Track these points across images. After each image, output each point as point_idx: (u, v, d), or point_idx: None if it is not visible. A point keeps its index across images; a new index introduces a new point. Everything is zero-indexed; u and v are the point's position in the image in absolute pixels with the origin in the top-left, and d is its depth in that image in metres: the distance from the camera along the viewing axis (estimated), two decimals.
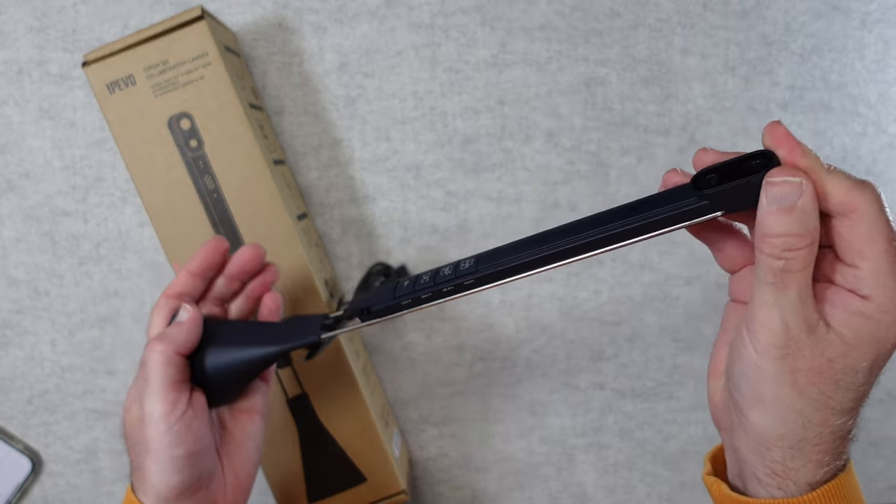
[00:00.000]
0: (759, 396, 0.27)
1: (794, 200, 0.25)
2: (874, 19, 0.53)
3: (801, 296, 0.26)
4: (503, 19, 0.51)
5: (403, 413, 0.55)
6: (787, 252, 0.26)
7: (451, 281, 0.32)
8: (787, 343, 0.26)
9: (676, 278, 0.54)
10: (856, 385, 0.27)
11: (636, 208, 0.29)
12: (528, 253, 0.31)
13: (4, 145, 0.51)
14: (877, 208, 0.26)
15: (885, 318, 0.26)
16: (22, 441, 0.53)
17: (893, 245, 0.26)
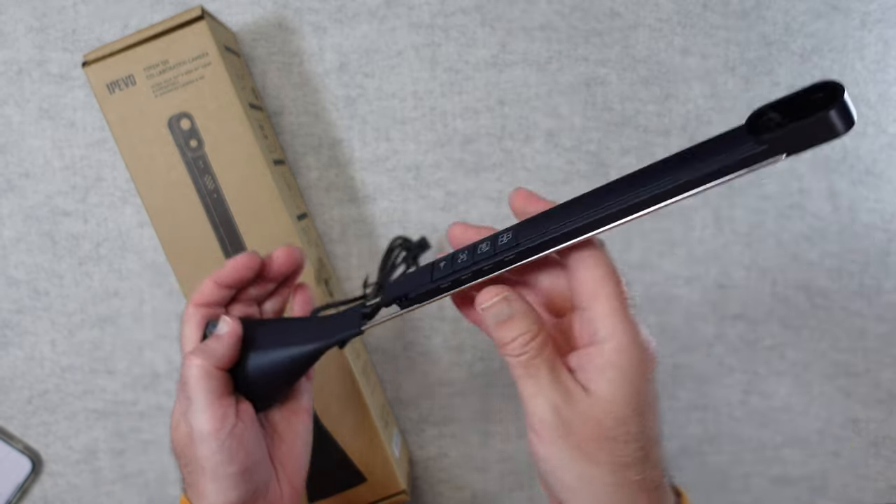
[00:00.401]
0: (566, 484, 0.28)
1: (507, 314, 0.29)
2: (874, 19, 0.53)
3: (553, 373, 0.28)
4: (503, 19, 0.51)
5: (403, 413, 0.55)
6: (523, 347, 0.28)
7: (491, 258, 0.29)
8: (560, 423, 0.28)
9: (676, 278, 0.54)
10: (633, 434, 0.28)
11: (685, 159, 0.26)
12: (570, 220, 0.28)
13: (4, 145, 0.51)
14: (606, 260, 0.29)
15: (626, 359, 0.28)
16: (22, 441, 0.53)
17: (622, 288, 0.29)
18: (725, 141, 0.26)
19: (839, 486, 0.57)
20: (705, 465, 0.56)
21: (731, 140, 0.25)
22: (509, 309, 0.29)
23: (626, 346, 0.28)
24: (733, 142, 0.25)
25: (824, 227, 0.54)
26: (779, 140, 0.24)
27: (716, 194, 0.54)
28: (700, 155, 0.26)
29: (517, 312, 0.29)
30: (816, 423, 0.56)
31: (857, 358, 0.56)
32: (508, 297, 0.29)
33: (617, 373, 0.28)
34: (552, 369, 0.28)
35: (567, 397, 0.28)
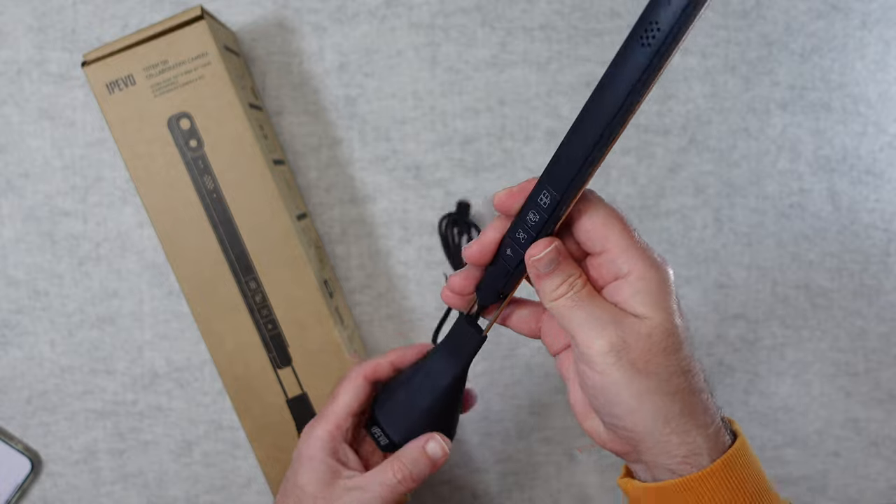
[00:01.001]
0: (629, 407, 0.30)
1: (556, 260, 0.32)
2: (875, 19, 0.53)
3: (598, 303, 0.31)
4: (503, 19, 0.51)
5: None
6: (572, 286, 0.31)
7: (547, 222, 0.31)
8: (613, 347, 0.30)
9: (676, 278, 0.54)
10: (678, 344, 0.30)
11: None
12: (585, 149, 0.29)
13: (4, 145, 0.51)
14: (604, 203, 0.32)
15: (651, 281, 0.30)
16: (21, 441, 0.53)
17: (627, 225, 0.31)
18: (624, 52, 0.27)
19: (839, 486, 0.57)
20: None
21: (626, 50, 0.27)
22: (557, 256, 0.32)
23: (646, 271, 0.30)
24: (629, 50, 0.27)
25: (824, 227, 0.54)
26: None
27: (716, 194, 0.54)
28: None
29: (564, 258, 0.32)
30: (816, 423, 0.56)
31: (857, 358, 0.56)
32: (557, 246, 0.32)
33: (647, 295, 0.30)
34: (599, 301, 0.31)
35: (618, 323, 0.30)
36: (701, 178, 0.53)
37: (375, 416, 0.39)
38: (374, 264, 0.53)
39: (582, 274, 0.32)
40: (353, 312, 0.53)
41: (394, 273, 0.53)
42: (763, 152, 0.53)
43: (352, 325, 0.52)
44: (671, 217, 0.54)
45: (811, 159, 0.54)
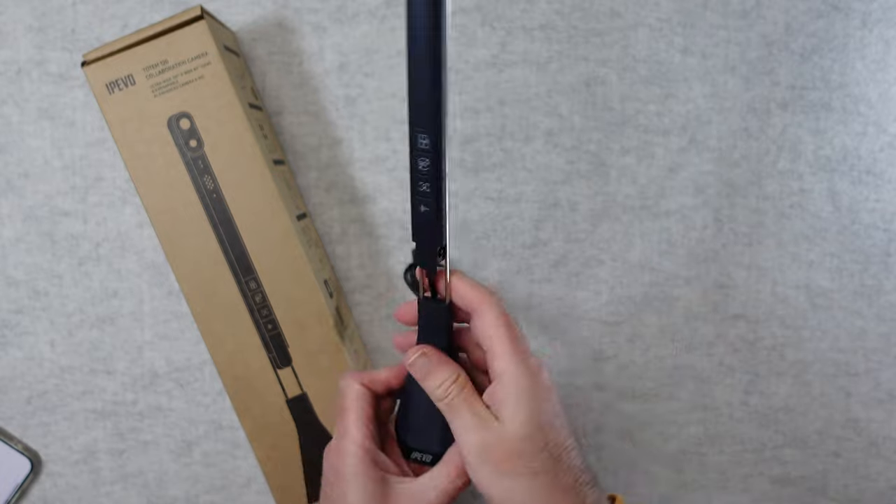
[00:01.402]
0: (497, 498, 0.33)
1: (427, 366, 0.36)
2: (875, 19, 0.52)
3: (471, 409, 0.34)
4: (503, 19, 0.51)
5: None
6: (445, 392, 0.35)
7: (437, 162, 0.35)
8: (480, 449, 0.33)
9: (676, 278, 0.54)
10: (539, 447, 0.33)
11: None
12: (428, 78, 0.33)
13: (4, 145, 0.51)
14: (497, 307, 0.36)
15: (520, 388, 0.33)
16: (21, 441, 0.53)
17: (511, 330, 0.35)
18: None
19: (839, 487, 0.57)
20: (705, 465, 0.56)
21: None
22: (428, 362, 0.36)
23: (517, 377, 0.34)
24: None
25: (824, 228, 0.54)
26: None
27: (716, 194, 0.54)
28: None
29: (434, 364, 0.36)
30: (816, 424, 0.56)
31: (858, 358, 0.56)
32: (426, 352, 0.37)
33: (513, 400, 0.33)
34: (470, 407, 0.35)
35: (484, 427, 0.34)
36: (701, 178, 0.53)
37: (407, 444, 0.39)
38: (374, 264, 0.53)
39: (459, 378, 0.36)
40: (353, 312, 0.53)
41: (394, 273, 0.53)
42: (763, 152, 0.53)
43: (352, 325, 0.52)
44: (671, 217, 0.54)
45: (811, 159, 0.54)
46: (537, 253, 0.53)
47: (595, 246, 0.54)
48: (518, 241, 0.53)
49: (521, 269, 0.54)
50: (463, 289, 0.37)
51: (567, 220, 0.53)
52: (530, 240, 0.53)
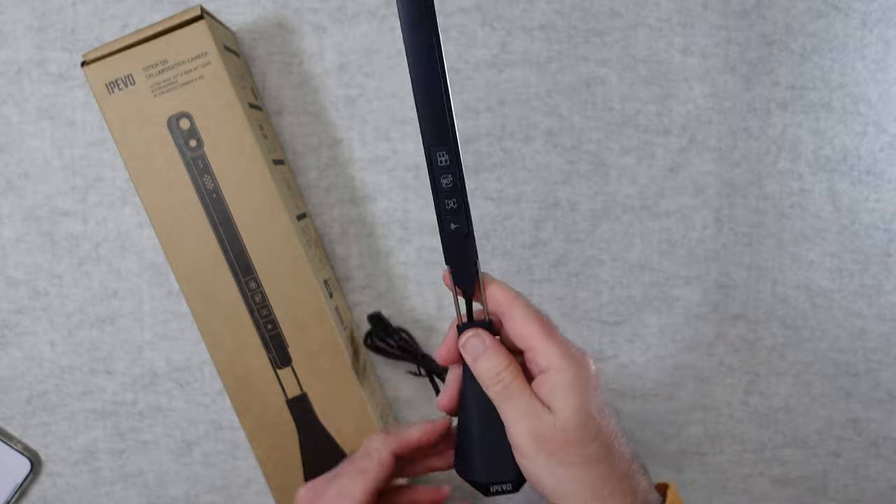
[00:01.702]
0: (554, 489, 0.34)
1: (481, 348, 0.36)
2: (875, 19, 0.52)
3: (525, 397, 0.34)
4: (503, 19, 0.51)
5: (403, 414, 0.55)
6: (498, 377, 0.35)
7: (459, 177, 0.35)
8: (535, 439, 0.33)
9: (676, 278, 0.54)
10: (592, 435, 0.33)
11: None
12: (436, 96, 0.34)
13: (4, 145, 0.51)
14: (524, 305, 0.36)
15: (567, 378, 0.33)
16: (21, 441, 0.53)
17: (546, 324, 0.35)
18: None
19: (839, 487, 0.57)
20: (705, 465, 0.56)
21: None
22: (482, 344, 0.36)
23: (564, 369, 0.34)
24: None
25: (824, 227, 0.54)
26: None
27: (716, 194, 0.53)
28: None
29: (489, 347, 0.36)
30: (816, 424, 0.56)
31: (858, 358, 0.56)
32: (479, 332, 0.36)
33: (562, 389, 0.33)
34: (524, 395, 0.34)
35: (538, 417, 0.34)
36: (701, 178, 0.53)
37: (482, 482, 0.38)
38: (374, 264, 0.53)
39: (512, 365, 0.35)
40: (353, 312, 0.53)
41: (394, 273, 0.53)
42: (763, 152, 0.53)
43: (352, 325, 0.52)
44: (671, 217, 0.54)
45: (811, 159, 0.54)
46: (537, 253, 0.53)
47: (595, 246, 0.54)
48: (518, 241, 0.53)
49: (521, 269, 0.54)
50: (494, 292, 0.37)
51: (567, 220, 0.53)
52: (530, 240, 0.53)
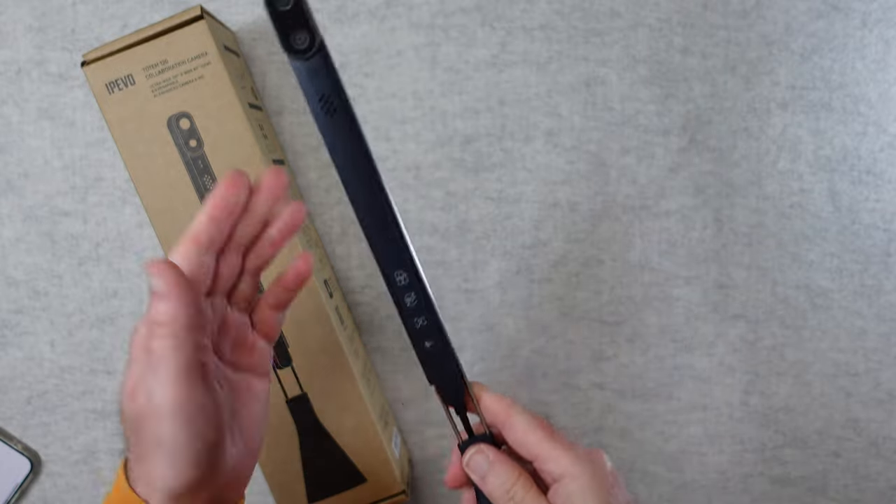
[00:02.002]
0: None
1: (485, 465, 0.34)
2: (875, 19, 0.52)
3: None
4: (503, 19, 0.51)
5: (403, 413, 0.55)
6: (508, 493, 0.33)
7: (424, 294, 0.34)
8: None
9: (676, 278, 0.54)
10: None
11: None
12: (382, 217, 0.34)
13: (4, 145, 0.51)
14: (523, 412, 0.34)
15: (582, 484, 0.32)
16: (21, 441, 0.53)
17: (548, 429, 0.33)
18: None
19: (839, 487, 0.57)
20: (705, 465, 0.56)
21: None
22: (486, 460, 0.34)
23: (577, 474, 0.32)
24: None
25: (824, 227, 0.54)
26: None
27: (716, 194, 0.53)
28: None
29: (494, 462, 0.34)
30: (816, 424, 0.56)
31: (857, 358, 0.56)
32: (482, 448, 0.34)
33: (581, 497, 0.32)
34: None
35: None
36: (701, 178, 0.53)
37: None
38: (374, 264, 0.53)
39: (522, 478, 0.33)
40: (353, 312, 0.53)
41: None
42: (763, 152, 0.53)
43: (352, 325, 0.52)
44: (671, 217, 0.54)
45: (811, 159, 0.54)
46: (537, 253, 0.53)
47: (595, 246, 0.54)
48: (518, 241, 0.53)
49: (521, 269, 0.54)
50: (488, 403, 0.35)
51: (567, 220, 0.53)
52: (530, 240, 0.53)
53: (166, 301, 0.30)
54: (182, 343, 0.30)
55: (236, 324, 0.36)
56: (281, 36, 0.30)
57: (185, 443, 0.30)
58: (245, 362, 0.36)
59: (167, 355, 0.30)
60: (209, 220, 0.33)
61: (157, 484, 0.30)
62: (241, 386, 0.35)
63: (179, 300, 0.30)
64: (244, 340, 0.37)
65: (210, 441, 0.31)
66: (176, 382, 0.29)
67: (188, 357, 0.30)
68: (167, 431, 0.30)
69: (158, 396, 0.29)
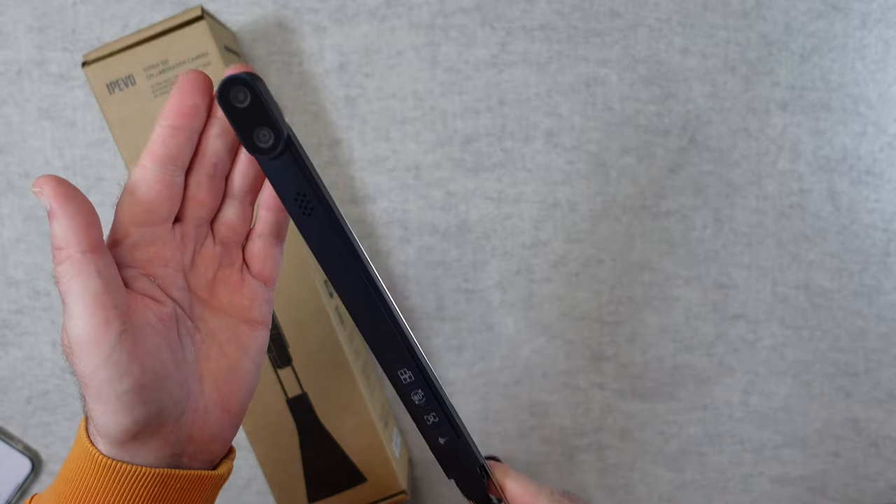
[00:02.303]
0: None
1: None
2: (874, 19, 0.52)
3: None
4: (503, 19, 0.51)
5: (403, 413, 0.55)
6: None
7: (433, 389, 0.31)
8: None
9: (676, 278, 0.54)
10: None
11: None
12: (375, 314, 0.30)
13: (4, 145, 0.51)
14: (550, 491, 0.31)
15: None
16: (21, 441, 0.53)
17: (538, 491, 0.31)
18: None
19: (839, 486, 0.57)
20: (705, 465, 0.56)
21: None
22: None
23: None
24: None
25: (824, 227, 0.54)
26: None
27: (716, 194, 0.54)
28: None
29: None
30: (816, 423, 0.56)
31: (857, 358, 0.56)
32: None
33: None
34: None
35: None
36: (701, 178, 0.53)
37: None
38: (374, 264, 0.53)
39: None
40: None
41: (394, 273, 0.53)
42: (763, 152, 0.53)
43: (352, 325, 0.52)
44: (671, 217, 0.54)
45: (811, 159, 0.54)
46: (537, 253, 0.53)
47: (595, 246, 0.54)
48: (518, 241, 0.53)
49: (521, 269, 0.54)
50: (514, 491, 0.32)
51: (567, 220, 0.53)
52: (530, 240, 0.53)
53: (57, 220, 0.26)
54: (82, 268, 0.26)
55: (217, 258, 0.31)
56: (241, 135, 0.27)
57: (106, 382, 0.26)
58: (230, 305, 0.32)
59: (69, 283, 0.26)
60: (166, 129, 0.28)
61: (98, 430, 0.28)
62: (221, 333, 0.31)
63: (71, 218, 0.26)
64: (228, 279, 0.32)
65: (140, 382, 0.27)
66: (83, 314, 0.26)
67: (95, 284, 0.26)
68: (85, 369, 0.27)
69: (70, 330, 0.27)
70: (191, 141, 0.29)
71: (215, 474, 0.31)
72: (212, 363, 0.31)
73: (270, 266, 0.32)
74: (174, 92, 0.28)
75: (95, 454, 0.28)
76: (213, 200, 0.31)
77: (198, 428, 0.30)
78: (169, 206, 0.29)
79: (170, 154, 0.28)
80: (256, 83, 0.27)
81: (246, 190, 0.31)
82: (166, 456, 0.29)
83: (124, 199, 0.29)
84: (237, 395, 0.32)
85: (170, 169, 0.28)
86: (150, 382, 0.27)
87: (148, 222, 0.29)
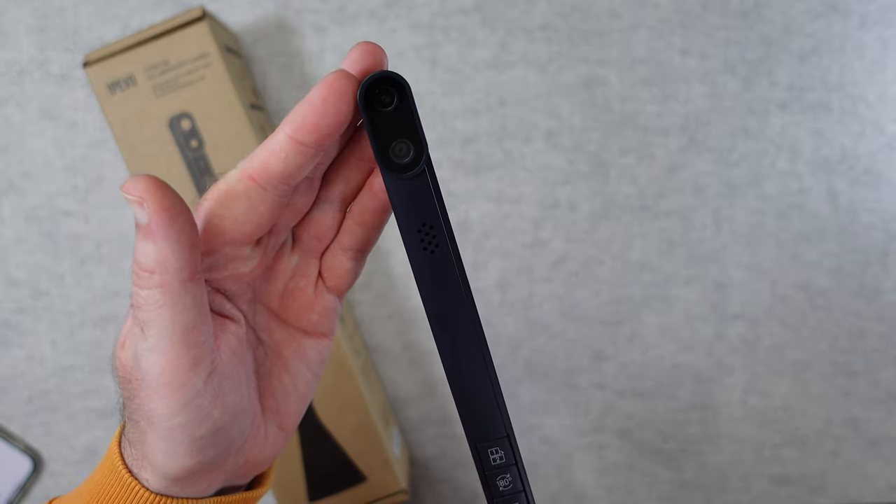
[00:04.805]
0: None
1: None
2: (873, 20, 0.53)
3: None
4: (503, 19, 0.51)
5: (403, 413, 0.55)
6: None
7: (520, 474, 0.26)
8: None
9: (676, 278, 0.54)
10: None
11: None
12: (484, 381, 0.26)
13: (5, 146, 0.51)
14: None
15: None
16: (23, 441, 0.54)
17: None
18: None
19: (838, 486, 0.57)
20: (705, 465, 0.56)
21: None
22: None
23: None
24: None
25: (824, 227, 0.54)
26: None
27: (715, 194, 0.54)
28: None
29: None
30: (816, 423, 0.56)
31: (857, 358, 0.56)
32: None
33: None
34: None
35: None
36: (701, 178, 0.54)
37: None
38: (373, 264, 0.53)
39: None
40: (353, 312, 0.53)
41: (394, 273, 0.53)
42: (762, 152, 0.54)
43: (352, 325, 0.52)
44: (671, 217, 0.54)
45: (810, 159, 0.54)
46: (537, 253, 0.54)
47: (595, 246, 0.54)
48: (518, 241, 0.53)
49: (521, 269, 0.54)
50: None
51: (567, 220, 0.53)
52: (530, 240, 0.53)
53: (155, 242, 0.21)
54: (178, 300, 0.21)
55: (292, 267, 0.28)
56: (377, 144, 0.23)
57: (180, 427, 0.23)
58: (298, 318, 0.28)
59: (156, 312, 0.21)
60: (293, 144, 0.22)
61: (151, 465, 0.24)
62: (286, 346, 0.28)
63: (176, 242, 0.21)
64: (302, 290, 0.28)
65: (217, 426, 0.24)
66: (168, 352, 0.22)
67: (187, 318, 0.22)
68: (158, 410, 0.23)
69: (145, 363, 0.22)
70: (316, 161, 0.23)
71: (262, 492, 0.29)
72: (274, 379, 0.28)
73: (349, 281, 0.29)
74: (316, 99, 0.22)
75: (136, 488, 0.25)
76: (307, 206, 0.26)
77: (255, 453, 0.27)
78: (268, 227, 0.25)
79: (287, 173, 0.23)
80: (409, 86, 0.23)
81: (345, 196, 0.26)
82: (218, 484, 0.26)
83: (218, 210, 0.23)
84: (295, 412, 0.28)
85: (281, 189, 0.23)
86: (226, 423, 0.24)
87: (237, 242, 0.24)
